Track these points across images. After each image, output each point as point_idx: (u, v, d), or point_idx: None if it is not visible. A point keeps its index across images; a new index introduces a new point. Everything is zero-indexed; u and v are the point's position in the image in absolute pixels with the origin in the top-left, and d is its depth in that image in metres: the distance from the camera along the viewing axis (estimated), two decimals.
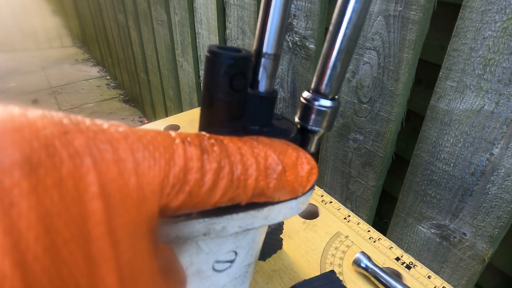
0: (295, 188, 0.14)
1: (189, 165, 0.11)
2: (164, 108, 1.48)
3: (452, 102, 0.44)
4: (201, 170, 0.11)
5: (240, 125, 0.15)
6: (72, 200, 0.08)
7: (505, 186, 0.41)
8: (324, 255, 0.37)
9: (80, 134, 0.08)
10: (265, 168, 0.13)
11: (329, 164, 0.67)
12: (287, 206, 0.16)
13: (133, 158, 0.09)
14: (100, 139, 0.09)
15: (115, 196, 0.09)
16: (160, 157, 0.10)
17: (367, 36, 0.51)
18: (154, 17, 1.22)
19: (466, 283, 0.50)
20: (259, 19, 0.15)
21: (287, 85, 0.69)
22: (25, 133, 0.08)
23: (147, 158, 0.09)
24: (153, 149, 0.10)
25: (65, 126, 0.08)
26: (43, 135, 0.08)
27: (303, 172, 0.14)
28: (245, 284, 0.19)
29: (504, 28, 0.37)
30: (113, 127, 0.10)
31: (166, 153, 0.10)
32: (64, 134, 0.08)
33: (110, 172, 0.09)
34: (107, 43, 2.11)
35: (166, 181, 0.10)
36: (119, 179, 0.09)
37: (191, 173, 0.11)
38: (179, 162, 0.10)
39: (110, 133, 0.09)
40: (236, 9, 0.77)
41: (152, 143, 0.10)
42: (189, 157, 0.11)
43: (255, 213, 0.15)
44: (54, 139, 0.08)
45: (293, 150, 0.14)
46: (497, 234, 0.44)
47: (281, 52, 0.16)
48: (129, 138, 0.09)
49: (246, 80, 0.15)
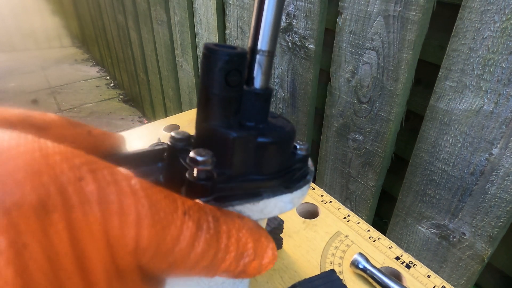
0: (251, 272, 0.14)
1: (180, 239, 0.11)
2: (164, 108, 1.48)
3: (452, 102, 0.44)
4: (190, 247, 0.12)
5: (235, 121, 0.15)
6: (76, 242, 0.09)
7: (505, 186, 0.41)
8: (324, 255, 0.37)
9: (93, 183, 0.09)
10: (241, 254, 0.14)
11: (329, 164, 0.67)
12: (283, 200, 0.16)
13: (136, 213, 0.10)
14: (110, 190, 0.09)
15: (114, 243, 0.09)
16: (159, 221, 0.11)
17: (366, 36, 0.51)
18: (153, 17, 1.22)
19: (466, 282, 0.50)
20: (253, 16, 0.15)
21: (286, 85, 0.69)
22: (44, 179, 0.08)
23: (148, 217, 0.10)
24: (155, 211, 0.10)
25: (81, 172, 0.09)
26: (60, 181, 0.08)
27: (265, 261, 0.15)
28: (244, 282, 0.20)
29: (503, 28, 0.37)
30: (125, 181, 0.10)
31: (165, 220, 0.11)
32: (78, 180, 0.09)
33: (113, 221, 0.09)
34: (107, 43, 2.11)
35: (155, 245, 0.11)
36: (120, 230, 0.10)
37: (180, 247, 0.11)
38: (173, 233, 0.11)
39: (121, 186, 0.10)
40: (236, 9, 0.77)
41: (156, 206, 0.11)
42: (183, 232, 0.11)
43: (251, 206, 0.15)
44: (69, 185, 0.09)
45: (265, 238, 0.15)
46: (496, 234, 0.44)
47: (275, 49, 0.16)
48: (137, 194, 0.10)
49: (241, 76, 0.15)
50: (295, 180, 0.18)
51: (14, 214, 0.07)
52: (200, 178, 0.14)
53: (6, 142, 0.08)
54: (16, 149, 0.08)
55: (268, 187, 0.16)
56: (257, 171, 0.16)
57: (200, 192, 0.14)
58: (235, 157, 0.15)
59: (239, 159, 0.15)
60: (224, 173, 0.15)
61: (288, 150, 0.17)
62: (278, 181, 0.17)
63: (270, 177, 0.16)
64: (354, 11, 0.51)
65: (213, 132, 0.15)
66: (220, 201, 0.15)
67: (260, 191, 0.16)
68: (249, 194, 0.16)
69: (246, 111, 0.16)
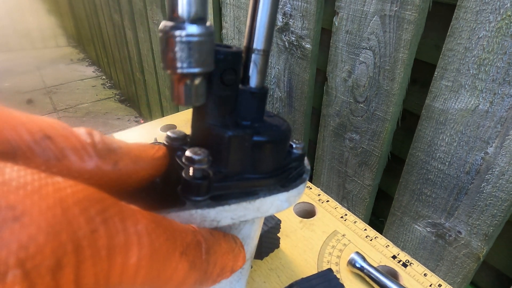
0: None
1: (173, 278, 0.12)
2: (160, 108, 1.48)
3: (447, 102, 0.44)
4: (180, 284, 0.12)
5: (231, 120, 0.15)
6: (81, 286, 0.09)
7: (500, 185, 0.42)
8: (321, 254, 0.37)
9: (105, 235, 0.10)
10: (221, 271, 0.15)
11: (326, 164, 0.67)
12: (279, 199, 0.16)
13: (137, 262, 0.10)
14: (119, 241, 0.10)
15: (112, 286, 0.10)
16: (156, 268, 0.11)
17: (362, 36, 0.51)
18: (150, 16, 1.22)
19: (462, 281, 0.50)
20: (248, 16, 0.15)
21: (283, 84, 0.69)
22: (62, 238, 0.09)
23: (147, 266, 0.11)
24: (155, 259, 0.11)
25: (95, 224, 0.09)
26: (76, 237, 0.09)
27: (236, 268, 0.16)
28: (241, 281, 0.20)
29: (499, 28, 0.37)
30: (132, 227, 0.10)
31: (163, 264, 0.11)
32: (92, 233, 0.09)
33: (116, 270, 0.10)
34: (103, 43, 2.10)
35: (148, 285, 0.11)
36: (119, 277, 0.10)
37: (171, 284, 0.12)
38: (167, 274, 0.12)
39: (128, 234, 0.10)
40: (232, 8, 0.77)
41: (157, 253, 0.11)
42: (177, 273, 0.12)
43: (247, 205, 0.15)
44: (84, 240, 0.09)
45: (238, 249, 0.16)
46: (492, 232, 0.44)
47: (270, 48, 0.16)
48: (141, 243, 0.11)
49: (237, 75, 0.15)
50: (291, 179, 0.18)
51: (33, 275, 0.08)
52: (196, 177, 0.14)
53: (29, 200, 0.09)
54: (39, 206, 0.09)
55: (264, 185, 0.16)
56: (253, 170, 0.16)
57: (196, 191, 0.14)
58: (231, 156, 0.15)
59: (235, 157, 0.15)
60: (220, 171, 0.15)
61: (284, 149, 0.17)
62: (274, 180, 0.17)
63: (266, 176, 0.16)
64: (351, 11, 0.51)
65: (209, 131, 0.15)
66: (216, 200, 0.15)
67: (256, 190, 0.16)
68: (245, 192, 0.16)
69: (241, 110, 0.16)
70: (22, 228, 0.08)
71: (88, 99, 2.19)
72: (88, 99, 2.19)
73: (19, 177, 0.09)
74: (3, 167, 0.09)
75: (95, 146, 0.13)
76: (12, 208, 0.08)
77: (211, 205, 0.14)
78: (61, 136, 0.12)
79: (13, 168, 0.09)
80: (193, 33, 0.12)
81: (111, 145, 0.13)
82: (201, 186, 0.14)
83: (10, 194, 0.08)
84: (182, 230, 0.13)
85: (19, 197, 0.08)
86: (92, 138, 0.13)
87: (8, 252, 0.08)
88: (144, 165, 0.14)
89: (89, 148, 0.12)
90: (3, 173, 0.09)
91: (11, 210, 0.08)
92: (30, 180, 0.09)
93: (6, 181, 0.09)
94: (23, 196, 0.09)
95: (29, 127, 0.11)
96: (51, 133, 0.12)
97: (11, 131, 0.11)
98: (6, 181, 0.09)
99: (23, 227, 0.08)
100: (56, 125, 0.12)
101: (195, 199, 0.14)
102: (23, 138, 0.11)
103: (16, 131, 0.11)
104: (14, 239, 0.08)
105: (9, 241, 0.08)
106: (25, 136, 0.11)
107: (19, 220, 0.08)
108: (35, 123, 0.11)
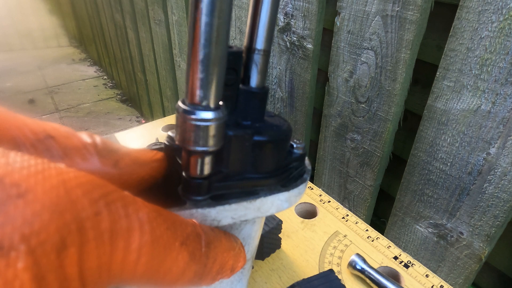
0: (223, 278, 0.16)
1: (172, 269, 0.12)
2: (162, 108, 1.48)
3: (449, 102, 0.44)
4: (180, 275, 0.12)
5: (232, 120, 0.15)
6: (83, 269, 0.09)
7: (502, 185, 0.41)
8: (323, 254, 0.37)
9: (108, 218, 0.10)
10: (221, 270, 0.15)
11: (327, 164, 0.67)
12: (279, 198, 0.16)
13: (138, 249, 0.10)
14: (121, 226, 0.10)
15: (114, 272, 0.10)
16: (157, 256, 0.11)
17: (364, 36, 0.51)
18: (151, 16, 1.22)
19: (463, 282, 0.50)
20: (249, 15, 0.15)
21: (285, 85, 0.69)
22: (67, 218, 0.09)
23: (147, 254, 0.11)
24: (156, 246, 0.11)
25: (99, 206, 0.10)
26: (80, 218, 0.09)
27: (237, 269, 0.16)
28: (242, 281, 0.20)
29: (501, 28, 0.37)
30: (134, 214, 0.11)
31: (163, 253, 0.11)
32: (95, 215, 0.09)
33: (118, 255, 0.10)
34: (104, 43, 2.10)
35: (148, 274, 0.11)
36: (121, 264, 0.10)
37: (171, 275, 0.12)
38: (167, 264, 0.12)
39: (131, 220, 0.10)
40: (234, 8, 0.77)
41: (158, 241, 0.11)
42: (177, 263, 0.12)
43: (248, 204, 0.15)
44: (87, 221, 0.09)
45: (239, 248, 0.16)
46: (493, 233, 0.44)
47: (271, 47, 0.16)
48: (143, 230, 0.11)
49: (237, 75, 0.15)
50: (292, 178, 0.17)
51: (38, 252, 0.08)
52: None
53: (33, 178, 0.09)
54: (43, 185, 0.09)
55: (264, 185, 0.16)
56: (254, 170, 0.16)
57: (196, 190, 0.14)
58: (232, 156, 0.15)
59: (235, 157, 0.15)
60: (221, 171, 0.15)
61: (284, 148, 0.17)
62: (275, 180, 0.17)
63: (267, 176, 0.16)
64: (352, 11, 0.51)
65: None
66: (217, 200, 0.15)
67: (256, 190, 0.16)
68: (245, 192, 0.16)
69: (242, 110, 0.16)
70: (26, 204, 0.08)
71: (90, 99, 2.19)
72: (89, 99, 2.19)
73: (22, 160, 0.09)
74: (8, 152, 0.09)
75: (96, 146, 0.13)
76: (16, 185, 0.08)
77: (211, 205, 0.14)
78: (63, 136, 0.12)
79: (17, 153, 0.09)
80: (208, 118, 0.13)
81: (112, 146, 0.14)
82: (201, 186, 0.14)
83: (14, 173, 0.08)
84: (182, 221, 0.13)
85: (22, 176, 0.09)
86: (93, 139, 0.13)
87: (13, 228, 0.08)
88: (144, 165, 0.15)
89: (90, 148, 0.13)
90: (7, 156, 0.09)
91: (15, 187, 0.08)
92: (34, 163, 0.09)
93: (10, 162, 0.09)
94: (27, 175, 0.09)
95: (32, 127, 0.12)
96: (53, 133, 0.12)
97: (16, 130, 0.11)
98: (10, 162, 0.09)
99: (27, 204, 0.08)
100: (58, 127, 0.13)
101: (195, 199, 0.14)
102: (27, 136, 0.11)
103: (21, 130, 0.11)
104: (18, 214, 0.08)
105: (14, 216, 0.08)
106: (29, 135, 0.11)
107: (23, 196, 0.08)
108: (38, 125, 0.12)
